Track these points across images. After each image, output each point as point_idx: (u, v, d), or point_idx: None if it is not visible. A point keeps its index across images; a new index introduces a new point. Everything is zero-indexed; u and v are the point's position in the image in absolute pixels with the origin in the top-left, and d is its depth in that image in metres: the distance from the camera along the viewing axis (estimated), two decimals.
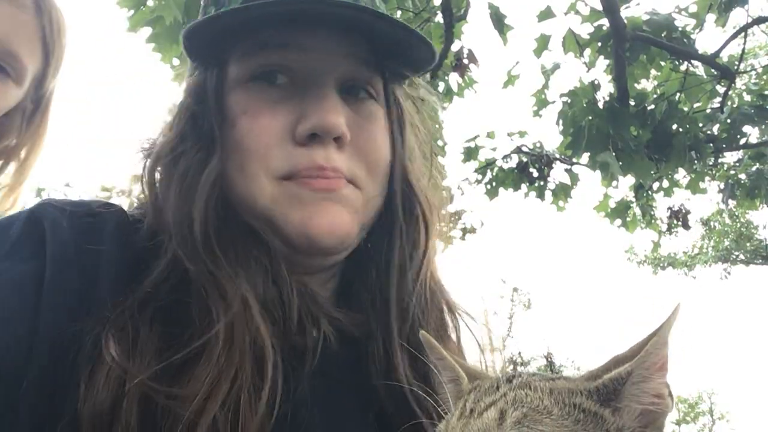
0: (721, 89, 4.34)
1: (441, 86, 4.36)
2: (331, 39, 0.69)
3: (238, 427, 0.56)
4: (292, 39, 0.69)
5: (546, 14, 4.03)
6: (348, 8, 0.66)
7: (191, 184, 0.69)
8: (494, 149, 5.36)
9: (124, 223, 0.70)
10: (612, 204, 5.22)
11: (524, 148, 5.25)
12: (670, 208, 5.27)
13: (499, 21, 3.95)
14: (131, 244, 0.68)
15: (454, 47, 4.21)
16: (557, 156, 5.14)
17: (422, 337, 0.62)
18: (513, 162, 5.33)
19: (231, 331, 0.60)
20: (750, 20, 4.03)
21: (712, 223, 16.60)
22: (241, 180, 0.70)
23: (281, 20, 0.67)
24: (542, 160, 5.10)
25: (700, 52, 4.04)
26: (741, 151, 4.97)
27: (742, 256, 16.74)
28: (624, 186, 5.11)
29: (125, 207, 0.75)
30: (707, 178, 5.18)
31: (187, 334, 0.61)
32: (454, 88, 4.51)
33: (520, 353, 12.86)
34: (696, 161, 4.25)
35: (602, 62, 4.20)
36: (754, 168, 5.18)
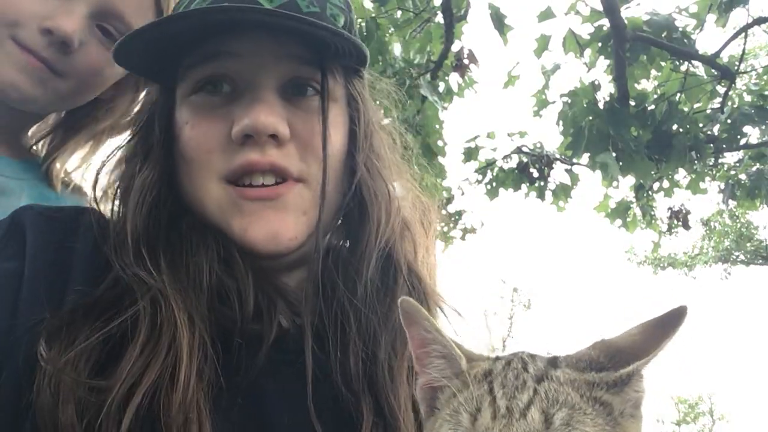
0: (721, 89, 4.34)
1: (441, 86, 4.36)
2: (265, 43, 0.71)
3: (160, 416, 0.59)
4: (226, 48, 0.71)
5: (546, 14, 4.03)
6: (272, 16, 0.68)
7: (127, 193, 0.74)
8: (494, 149, 5.36)
9: (99, 226, 0.74)
10: (612, 204, 5.22)
11: (524, 149, 5.25)
12: (670, 209, 5.27)
13: (499, 21, 3.95)
14: (102, 245, 0.72)
15: (455, 47, 4.21)
16: (557, 156, 5.14)
17: (404, 304, 0.58)
18: (513, 162, 5.33)
19: (152, 326, 0.63)
20: (750, 20, 4.03)
21: (712, 224, 16.60)
22: (190, 187, 0.74)
23: (212, 31, 0.70)
24: (542, 161, 5.11)
25: (700, 52, 4.04)
26: (741, 151, 4.97)
27: (742, 257, 16.74)
28: (624, 186, 5.11)
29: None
30: (707, 179, 5.18)
31: (117, 332, 0.64)
32: (455, 89, 4.51)
33: None
34: (696, 161, 4.25)
35: (602, 62, 4.21)
36: (754, 168, 5.17)
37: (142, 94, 0.98)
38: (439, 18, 4.14)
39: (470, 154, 5.32)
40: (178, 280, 0.68)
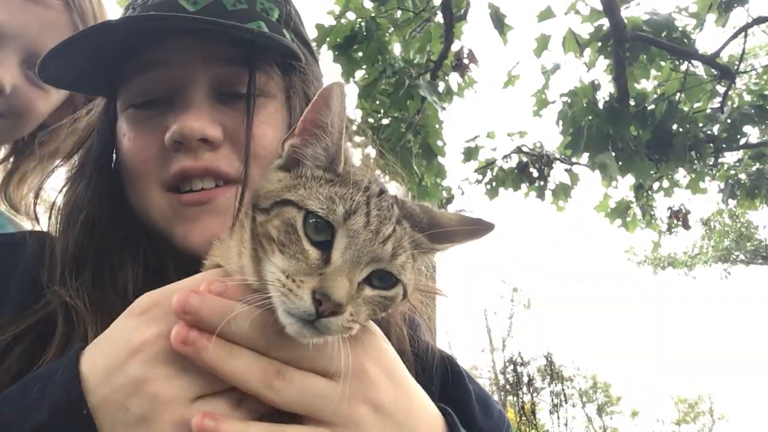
0: (721, 89, 4.34)
1: (441, 86, 4.36)
2: (192, 48, 0.72)
3: None
4: (153, 57, 0.72)
5: (546, 14, 4.03)
6: (194, 21, 0.69)
7: (64, 211, 0.76)
8: (494, 149, 5.37)
9: (38, 249, 0.75)
10: (612, 204, 5.22)
11: (524, 148, 5.25)
12: (670, 208, 5.27)
13: (499, 21, 3.95)
14: (39, 267, 0.73)
15: (454, 47, 4.21)
16: (557, 156, 5.14)
17: (336, 87, 0.62)
18: (513, 162, 5.33)
19: (64, 345, 0.65)
20: (750, 20, 4.03)
21: (712, 223, 16.61)
22: (134, 198, 0.75)
23: (138, 43, 0.71)
24: (542, 160, 5.11)
25: (700, 52, 4.04)
26: (741, 151, 4.97)
27: (742, 256, 16.74)
28: (624, 186, 5.11)
29: None
30: (707, 178, 5.17)
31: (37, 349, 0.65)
32: (455, 88, 4.51)
33: (520, 353, 12.86)
34: (696, 161, 4.25)
35: (602, 62, 4.20)
36: (754, 168, 5.18)
37: (85, 113, 1.03)
38: (439, 18, 4.14)
39: (470, 154, 5.32)
40: (102, 296, 0.68)
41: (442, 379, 0.79)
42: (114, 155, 0.78)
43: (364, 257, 0.55)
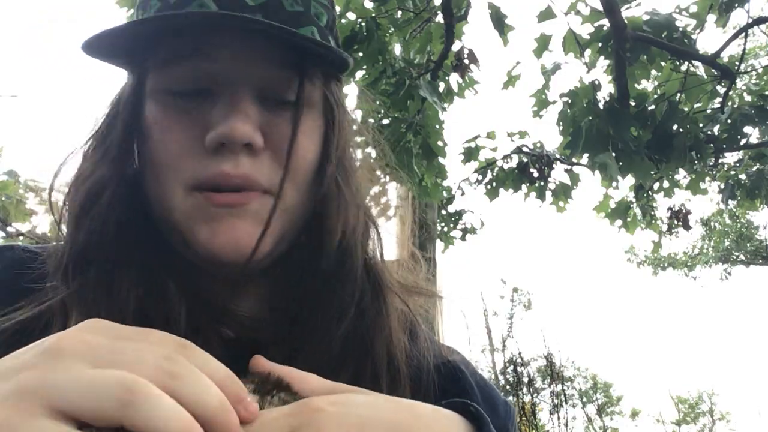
0: (721, 90, 4.34)
1: (441, 86, 4.36)
2: (244, 44, 0.68)
3: None
4: (204, 47, 0.67)
5: (546, 14, 4.03)
6: (256, 23, 0.64)
7: (83, 207, 0.67)
8: (494, 150, 5.37)
9: (17, 264, 0.70)
10: (612, 204, 5.22)
11: (525, 149, 5.25)
12: (670, 209, 5.27)
13: (499, 21, 3.95)
14: (19, 283, 0.68)
15: (455, 47, 4.21)
16: (558, 156, 5.14)
17: None
18: (513, 162, 5.34)
19: None
20: (750, 21, 4.03)
21: (712, 224, 16.61)
22: (156, 192, 0.68)
23: (195, 28, 0.66)
24: (543, 161, 5.11)
25: (700, 52, 4.04)
26: (741, 151, 4.97)
27: (742, 257, 16.74)
28: (624, 186, 5.12)
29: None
30: (707, 179, 5.18)
31: None
32: (455, 89, 4.51)
33: (520, 353, 12.85)
34: (696, 162, 4.25)
35: (602, 62, 4.21)
36: (754, 168, 5.18)
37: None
38: (440, 18, 4.14)
39: (470, 154, 5.32)
40: (97, 300, 0.64)
41: (444, 387, 0.76)
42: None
43: None
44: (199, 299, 0.68)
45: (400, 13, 4.17)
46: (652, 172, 4.35)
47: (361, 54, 3.93)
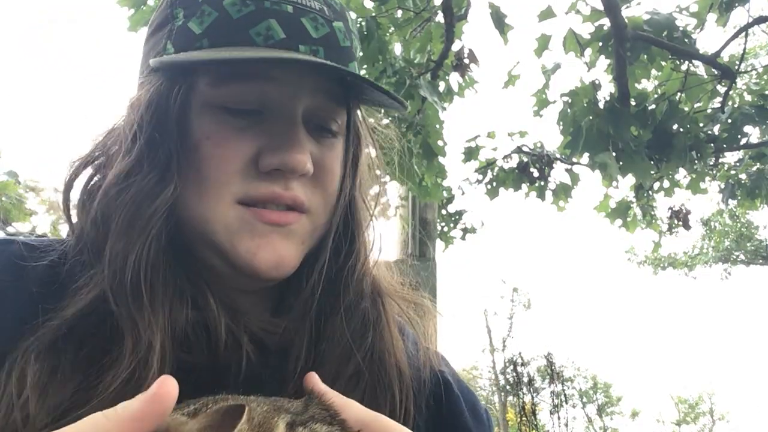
0: (721, 89, 4.34)
1: (442, 86, 4.36)
2: (299, 72, 0.70)
3: None
4: (265, 71, 0.69)
5: (547, 14, 4.02)
6: (337, 70, 0.67)
7: (137, 216, 0.66)
8: (495, 149, 5.36)
9: (21, 257, 0.68)
10: (612, 204, 5.22)
11: (525, 148, 5.25)
12: (670, 209, 5.27)
13: (499, 21, 3.95)
14: (30, 276, 0.67)
15: (455, 47, 4.21)
16: (558, 156, 5.14)
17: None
18: (513, 162, 5.33)
19: (130, 378, 0.60)
20: (751, 20, 4.03)
21: (712, 224, 16.61)
22: (198, 206, 0.68)
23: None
24: (543, 160, 5.11)
25: (701, 51, 4.04)
26: (741, 151, 4.97)
27: (742, 257, 16.75)
28: (624, 186, 5.11)
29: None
30: (708, 179, 5.17)
31: (95, 377, 0.60)
32: (455, 88, 4.51)
33: (520, 353, 12.86)
34: (696, 161, 4.25)
35: (603, 62, 4.20)
36: (754, 168, 5.18)
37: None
38: (440, 17, 4.14)
39: (470, 154, 5.32)
40: (173, 321, 0.64)
41: (434, 397, 0.78)
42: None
43: None
44: (230, 307, 0.70)
45: (400, 12, 4.16)
46: (652, 172, 4.35)
47: (361, 54, 3.93)
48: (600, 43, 3.98)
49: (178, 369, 0.61)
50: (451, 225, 6.10)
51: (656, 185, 5.05)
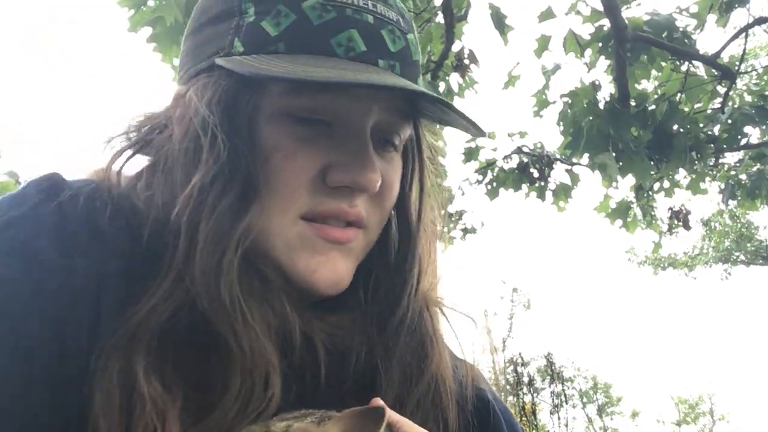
0: (722, 90, 4.34)
1: (442, 86, 4.36)
2: (379, 91, 0.68)
3: None
4: (339, 84, 0.65)
5: (547, 15, 4.03)
6: (417, 94, 0.66)
7: (224, 230, 0.61)
8: (495, 150, 5.37)
9: (118, 211, 0.62)
10: (612, 204, 5.22)
11: (525, 149, 5.25)
12: (670, 209, 5.27)
13: (499, 21, 3.95)
14: (137, 239, 0.61)
15: (455, 47, 4.21)
16: (558, 156, 5.14)
17: None
18: (514, 162, 5.34)
19: (247, 387, 0.59)
20: (751, 20, 4.03)
21: (712, 224, 16.62)
22: (259, 218, 0.64)
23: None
24: (543, 161, 5.11)
25: (701, 52, 4.04)
26: (742, 151, 4.98)
27: (742, 257, 16.76)
28: (624, 186, 5.12)
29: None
30: (708, 179, 5.18)
31: (205, 383, 0.58)
32: (455, 89, 4.51)
33: (520, 353, 12.85)
34: (697, 162, 4.25)
35: (603, 63, 4.21)
36: (754, 168, 5.18)
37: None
38: (440, 18, 4.14)
39: (470, 154, 5.32)
40: (266, 330, 0.62)
41: (479, 418, 0.77)
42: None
43: None
44: (299, 314, 0.68)
45: None
46: (652, 172, 4.36)
47: None
48: (600, 44, 3.99)
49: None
50: (451, 225, 6.10)
51: (656, 186, 5.06)
